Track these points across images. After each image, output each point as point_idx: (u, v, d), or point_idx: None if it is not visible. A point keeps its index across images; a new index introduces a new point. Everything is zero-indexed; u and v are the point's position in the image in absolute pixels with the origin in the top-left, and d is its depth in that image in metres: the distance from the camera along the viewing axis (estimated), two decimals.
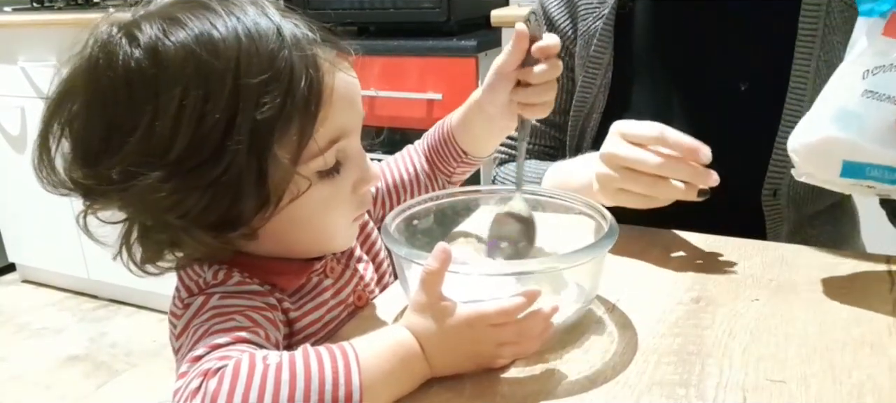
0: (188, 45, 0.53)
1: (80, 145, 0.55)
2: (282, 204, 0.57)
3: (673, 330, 0.61)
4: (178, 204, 0.53)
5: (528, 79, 0.68)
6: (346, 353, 0.49)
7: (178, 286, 0.61)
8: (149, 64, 0.53)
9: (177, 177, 0.53)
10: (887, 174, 0.62)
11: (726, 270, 0.71)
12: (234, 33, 0.54)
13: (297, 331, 0.63)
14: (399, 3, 1.89)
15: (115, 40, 0.54)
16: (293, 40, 0.56)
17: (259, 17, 0.56)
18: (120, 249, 0.59)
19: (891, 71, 0.61)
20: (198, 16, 0.54)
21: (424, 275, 0.53)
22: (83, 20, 2.20)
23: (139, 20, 0.55)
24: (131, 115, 0.53)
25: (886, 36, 0.62)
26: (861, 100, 0.62)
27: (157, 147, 0.52)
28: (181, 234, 0.56)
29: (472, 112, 0.76)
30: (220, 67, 0.52)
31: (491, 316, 0.52)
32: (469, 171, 0.84)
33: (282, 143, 0.54)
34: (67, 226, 2.42)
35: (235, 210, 0.55)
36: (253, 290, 0.58)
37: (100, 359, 2.19)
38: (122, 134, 0.53)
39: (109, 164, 0.53)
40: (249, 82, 0.53)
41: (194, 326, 0.54)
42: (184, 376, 0.48)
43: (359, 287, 0.70)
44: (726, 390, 0.52)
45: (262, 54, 0.54)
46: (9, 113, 2.42)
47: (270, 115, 0.53)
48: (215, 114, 0.52)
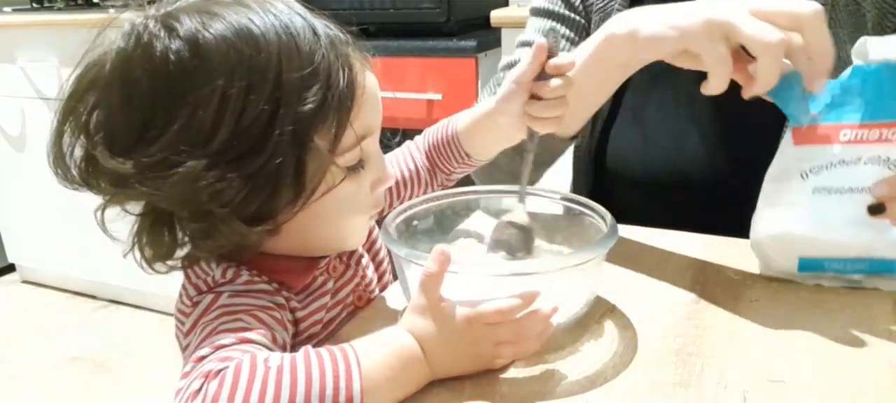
0: (229, 37, 0.54)
1: (112, 136, 0.55)
2: (314, 197, 0.58)
3: (673, 331, 0.61)
4: (218, 194, 0.54)
5: (541, 93, 0.68)
6: (346, 356, 0.49)
7: (184, 284, 0.61)
8: (190, 55, 0.53)
9: (218, 166, 0.53)
10: (848, 265, 0.64)
11: (726, 270, 0.71)
12: (272, 29, 0.55)
13: (300, 332, 0.64)
14: (399, 4, 1.89)
15: (152, 31, 0.54)
16: (327, 40, 0.58)
17: (292, 15, 0.57)
18: (133, 246, 0.59)
19: (837, 167, 0.62)
20: (234, 10, 0.56)
21: (423, 278, 0.53)
22: (83, 20, 2.21)
23: (176, 12, 0.55)
24: (172, 106, 0.53)
25: (798, 144, 0.63)
26: (812, 198, 0.63)
27: (199, 136, 0.53)
28: (219, 224, 0.56)
29: (483, 119, 0.76)
30: (262, 61, 0.54)
31: (489, 315, 0.53)
32: (468, 171, 0.84)
33: (321, 136, 0.56)
34: (67, 226, 2.41)
35: (272, 201, 0.56)
36: (262, 289, 0.59)
37: (100, 359, 2.19)
38: (162, 123, 0.53)
39: (148, 152, 0.53)
40: (292, 76, 0.54)
41: (202, 324, 0.54)
42: (186, 376, 0.48)
43: (359, 287, 0.70)
44: (726, 390, 0.52)
45: (301, 50, 0.55)
46: (9, 113, 2.43)
47: (312, 108, 0.55)
48: (258, 106, 0.53)
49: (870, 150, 0.61)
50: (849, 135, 0.62)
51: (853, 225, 0.63)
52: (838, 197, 0.63)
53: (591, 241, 0.63)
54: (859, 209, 0.62)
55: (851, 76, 0.61)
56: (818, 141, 0.62)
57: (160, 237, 0.59)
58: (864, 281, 0.65)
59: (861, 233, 0.63)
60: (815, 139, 0.63)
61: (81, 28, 0.56)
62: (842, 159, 0.62)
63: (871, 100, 0.61)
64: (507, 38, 1.75)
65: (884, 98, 0.60)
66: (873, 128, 0.61)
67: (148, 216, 0.59)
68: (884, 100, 0.60)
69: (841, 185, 0.63)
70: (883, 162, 0.61)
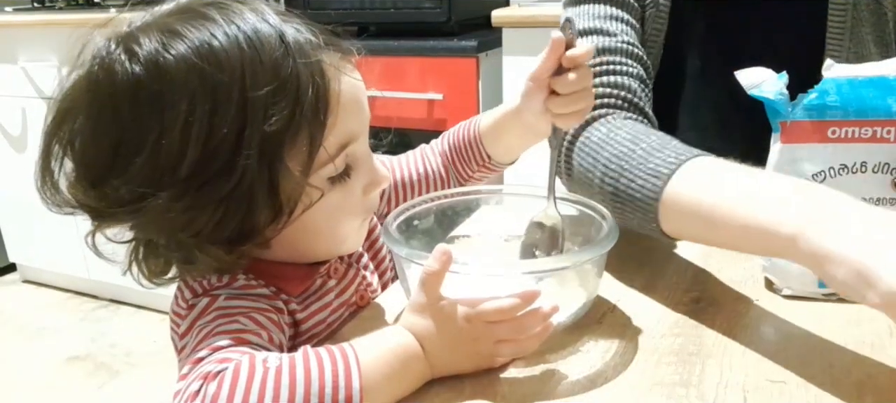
0: (190, 58, 0.52)
1: (84, 165, 0.54)
2: (295, 215, 0.56)
3: (673, 331, 0.61)
4: (191, 223, 0.53)
5: (558, 88, 0.65)
6: (346, 355, 0.49)
7: (180, 286, 0.61)
8: (151, 79, 0.52)
9: (188, 194, 0.52)
10: None
11: (726, 270, 0.71)
12: (235, 42, 0.53)
13: (302, 332, 0.63)
14: (399, 3, 1.90)
15: (113, 56, 0.53)
16: (296, 47, 0.55)
17: (259, 23, 0.55)
18: (130, 266, 0.59)
19: (842, 175, 0.62)
20: (196, 26, 0.53)
21: (424, 276, 0.53)
22: (83, 20, 2.20)
23: (136, 33, 0.54)
24: (137, 133, 0.52)
25: (786, 143, 0.62)
26: None
27: (166, 164, 0.51)
28: (195, 252, 0.55)
29: (507, 118, 0.74)
30: (225, 80, 0.52)
31: (488, 313, 0.53)
32: (486, 176, 0.82)
33: (292, 154, 0.54)
34: (67, 226, 2.41)
35: (248, 223, 0.55)
36: (259, 293, 0.58)
37: (100, 359, 2.19)
38: (129, 152, 0.52)
39: (117, 185, 0.52)
40: (257, 95, 0.52)
41: (198, 326, 0.54)
42: (185, 378, 0.48)
43: (362, 287, 0.70)
44: (726, 390, 0.52)
45: (266, 64, 0.53)
46: (9, 113, 2.43)
47: (279, 127, 0.52)
48: (223, 129, 0.51)
49: (872, 155, 0.61)
50: (838, 132, 0.61)
51: None
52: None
53: (592, 241, 0.63)
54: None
55: (825, 84, 0.61)
56: (807, 138, 0.62)
57: (152, 258, 0.59)
58: None
59: None
60: (805, 136, 0.62)
61: (82, 28, 0.56)
62: (843, 164, 0.62)
63: (852, 101, 0.61)
64: (508, 38, 1.75)
65: (864, 99, 0.60)
66: (864, 126, 0.61)
67: (139, 240, 0.58)
68: (866, 100, 0.60)
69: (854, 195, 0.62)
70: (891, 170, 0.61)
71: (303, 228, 0.58)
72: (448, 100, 1.81)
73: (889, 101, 0.60)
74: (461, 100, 1.81)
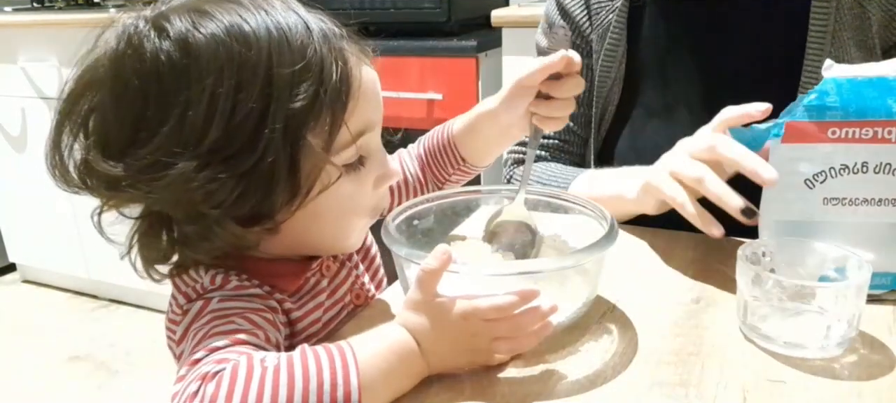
0: (219, 35, 0.53)
1: (105, 138, 0.55)
2: (311, 196, 0.57)
3: (673, 331, 0.61)
4: (211, 195, 0.53)
5: (553, 92, 0.68)
6: (343, 353, 0.49)
7: (174, 293, 0.61)
8: (180, 55, 0.53)
9: (210, 166, 0.53)
10: (875, 279, 0.62)
11: (726, 270, 0.71)
12: (264, 26, 0.55)
13: (298, 332, 0.63)
14: (399, 3, 1.89)
15: (142, 32, 0.54)
16: (321, 34, 0.57)
17: (286, 11, 0.57)
18: (129, 249, 0.59)
19: (843, 175, 0.62)
20: (226, 9, 0.55)
21: (421, 274, 0.53)
22: (83, 20, 2.21)
23: (167, 13, 0.55)
24: (162, 107, 0.53)
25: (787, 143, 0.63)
26: (824, 209, 0.63)
27: (190, 137, 0.52)
28: (213, 226, 0.55)
29: (481, 120, 0.76)
30: (252, 58, 0.53)
31: (485, 311, 0.53)
32: (463, 179, 0.83)
33: (314, 133, 0.55)
34: (67, 226, 2.42)
35: (267, 201, 0.55)
36: (252, 294, 0.58)
37: (100, 359, 2.19)
38: (153, 125, 0.53)
39: (139, 155, 0.53)
40: (282, 72, 0.54)
41: (194, 329, 0.54)
42: (182, 380, 0.48)
43: (356, 286, 0.70)
44: (726, 390, 0.52)
45: (293, 46, 0.55)
46: (9, 113, 2.43)
47: (304, 105, 0.54)
48: (249, 104, 0.53)
49: (873, 155, 0.61)
50: (838, 132, 0.61)
51: (872, 240, 0.62)
52: (853, 209, 0.62)
53: (592, 241, 0.63)
54: (876, 222, 0.62)
55: (825, 84, 0.61)
56: (808, 139, 0.62)
57: (156, 240, 0.59)
58: (886, 297, 0.64)
59: (880, 248, 0.62)
60: (805, 137, 0.62)
61: (82, 28, 0.56)
62: (844, 164, 0.62)
63: (852, 101, 0.61)
64: (507, 38, 1.75)
65: (865, 99, 0.61)
66: (865, 127, 0.61)
67: (145, 219, 0.58)
68: (866, 101, 0.60)
69: (854, 196, 0.62)
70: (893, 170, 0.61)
71: (314, 215, 0.59)
72: (448, 100, 1.81)
73: (889, 102, 0.60)
74: (461, 101, 1.81)
